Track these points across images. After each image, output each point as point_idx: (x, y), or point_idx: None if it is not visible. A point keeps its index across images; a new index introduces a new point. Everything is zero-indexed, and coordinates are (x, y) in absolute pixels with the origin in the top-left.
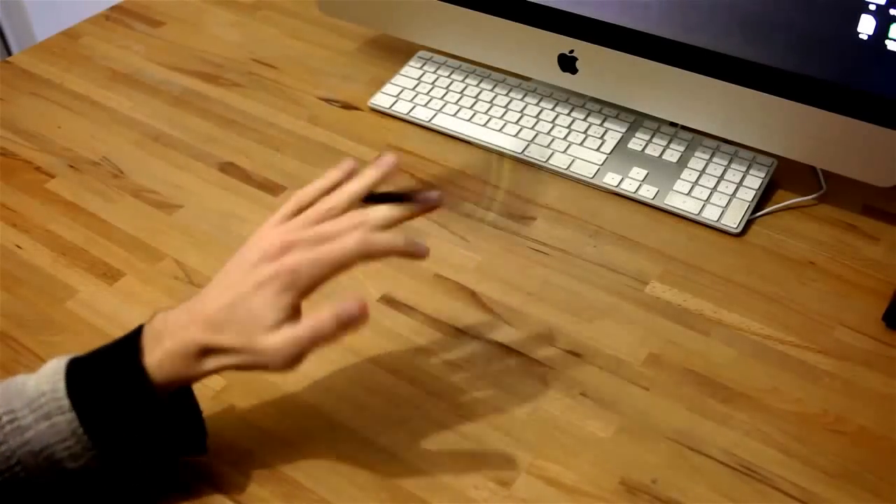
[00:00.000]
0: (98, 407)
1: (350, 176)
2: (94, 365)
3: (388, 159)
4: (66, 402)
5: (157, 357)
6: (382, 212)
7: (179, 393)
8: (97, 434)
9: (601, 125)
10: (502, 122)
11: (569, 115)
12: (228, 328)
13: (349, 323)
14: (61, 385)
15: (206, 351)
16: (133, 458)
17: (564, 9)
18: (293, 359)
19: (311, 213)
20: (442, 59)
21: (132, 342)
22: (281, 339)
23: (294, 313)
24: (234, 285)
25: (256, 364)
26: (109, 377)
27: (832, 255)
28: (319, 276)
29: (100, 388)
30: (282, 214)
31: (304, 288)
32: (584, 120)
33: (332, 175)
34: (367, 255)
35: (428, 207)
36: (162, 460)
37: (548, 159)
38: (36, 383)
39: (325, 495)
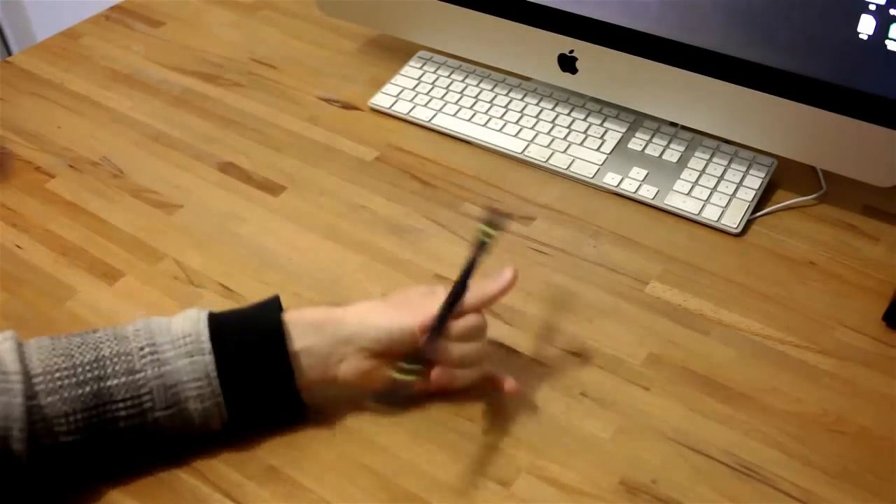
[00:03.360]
0: (234, 357)
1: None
2: (234, 319)
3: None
4: (208, 346)
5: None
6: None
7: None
8: (228, 381)
9: (601, 125)
10: (502, 122)
11: (569, 115)
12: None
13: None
14: (205, 330)
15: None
16: (249, 414)
17: (564, 9)
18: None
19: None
20: (442, 59)
21: (273, 305)
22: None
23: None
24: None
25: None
26: (250, 332)
27: (832, 255)
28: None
29: (239, 340)
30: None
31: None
32: (584, 120)
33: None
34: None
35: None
36: (260, 422)
37: (548, 159)
38: (180, 325)
39: (325, 495)
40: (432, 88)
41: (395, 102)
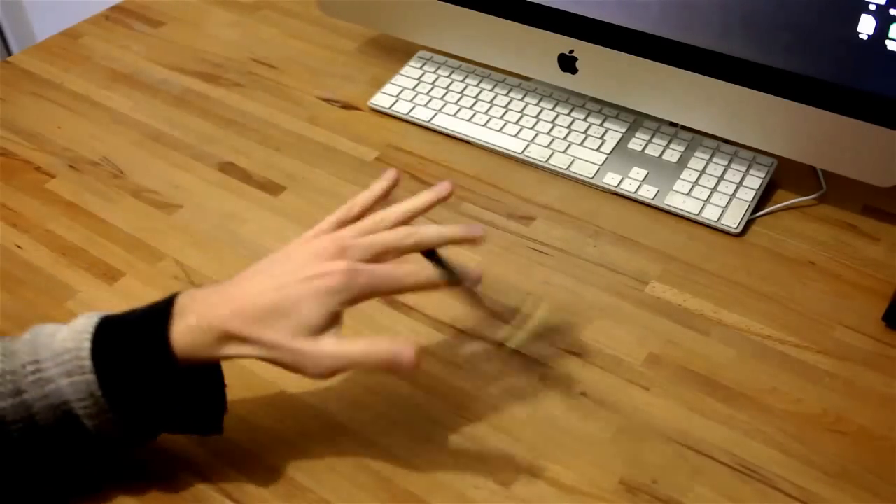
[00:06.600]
0: (119, 372)
1: (393, 186)
2: (121, 328)
3: (445, 185)
4: (88, 364)
5: (181, 330)
6: (434, 229)
7: (207, 369)
8: (115, 398)
9: (601, 125)
10: (502, 122)
11: (569, 115)
12: (269, 323)
13: (398, 367)
14: (87, 345)
15: (233, 337)
16: (150, 425)
17: (564, 9)
18: (332, 372)
19: (362, 223)
20: (442, 59)
21: (163, 311)
22: (329, 350)
23: (335, 319)
24: (279, 279)
25: (289, 364)
26: (134, 343)
27: (832, 255)
28: (375, 287)
29: (123, 353)
30: (328, 223)
31: (356, 294)
32: (584, 120)
33: (378, 187)
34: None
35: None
36: (178, 431)
37: (548, 159)
38: (63, 338)
39: (325, 495)
40: (432, 88)
41: (395, 102)
